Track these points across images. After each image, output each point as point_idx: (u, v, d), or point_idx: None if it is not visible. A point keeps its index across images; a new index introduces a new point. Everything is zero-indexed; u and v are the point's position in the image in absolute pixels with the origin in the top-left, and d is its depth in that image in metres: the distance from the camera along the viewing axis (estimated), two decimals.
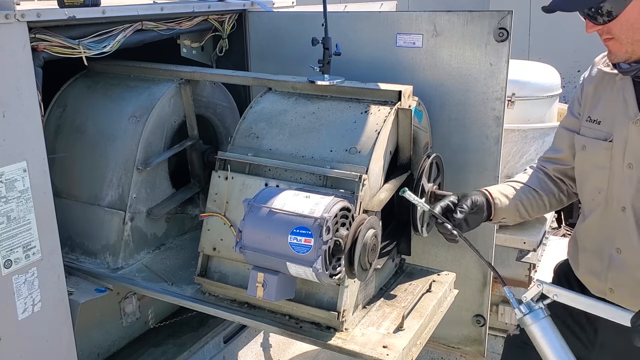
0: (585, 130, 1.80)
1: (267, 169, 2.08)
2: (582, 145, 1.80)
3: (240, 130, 2.20)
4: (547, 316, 1.57)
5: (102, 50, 2.13)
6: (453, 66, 2.36)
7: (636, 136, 1.64)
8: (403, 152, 2.14)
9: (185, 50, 2.72)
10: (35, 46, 1.90)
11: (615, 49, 1.64)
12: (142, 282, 2.26)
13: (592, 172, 1.78)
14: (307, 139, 2.09)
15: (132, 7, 2.21)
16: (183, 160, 2.59)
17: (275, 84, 2.31)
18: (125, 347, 2.55)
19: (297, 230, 1.72)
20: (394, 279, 2.29)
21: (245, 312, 2.05)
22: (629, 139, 1.66)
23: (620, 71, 1.69)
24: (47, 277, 1.92)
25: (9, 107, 1.75)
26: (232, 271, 2.11)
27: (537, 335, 1.55)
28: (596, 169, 1.75)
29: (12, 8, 1.73)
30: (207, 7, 2.57)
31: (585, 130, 1.80)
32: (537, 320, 1.55)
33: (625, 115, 1.67)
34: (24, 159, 1.81)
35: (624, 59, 1.65)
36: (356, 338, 1.91)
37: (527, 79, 3.31)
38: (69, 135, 2.43)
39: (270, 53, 2.74)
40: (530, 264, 3.31)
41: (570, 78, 6.44)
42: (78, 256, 2.39)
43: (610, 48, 1.65)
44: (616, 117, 1.70)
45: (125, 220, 2.32)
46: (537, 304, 1.58)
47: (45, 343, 1.95)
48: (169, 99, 2.42)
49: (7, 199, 1.77)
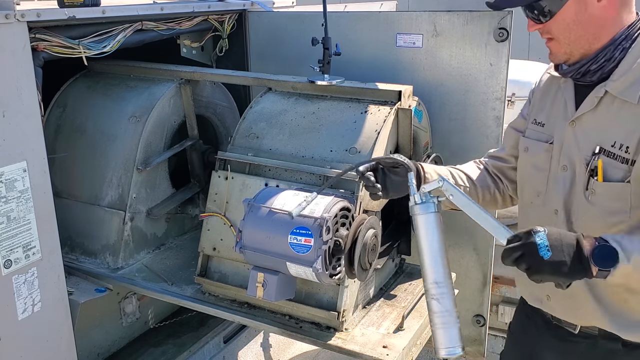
0: (529, 132, 1.77)
1: (267, 169, 2.08)
2: (525, 147, 1.77)
3: (240, 130, 2.20)
4: (437, 212, 1.49)
5: (102, 50, 2.13)
6: (453, 66, 2.36)
7: (571, 137, 1.61)
8: (403, 152, 2.14)
9: (185, 50, 2.72)
10: (35, 46, 1.90)
11: (555, 50, 1.62)
12: (142, 282, 2.26)
13: (532, 175, 1.75)
14: (307, 139, 2.09)
15: (132, 7, 2.21)
16: (183, 160, 2.59)
17: (275, 84, 2.31)
18: (125, 347, 2.55)
19: (297, 230, 1.72)
20: (394, 279, 2.29)
21: (245, 312, 2.05)
22: (564, 140, 1.63)
23: (561, 73, 1.67)
24: (47, 277, 1.92)
25: (9, 107, 1.75)
26: (232, 271, 2.11)
27: (420, 227, 1.49)
28: (536, 171, 1.72)
29: (12, 8, 1.73)
30: (207, 7, 2.57)
31: (529, 132, 1.77)
32: (424, 213, 1.48)
33: (564, 117, 1.64)
34: (24, 159, 1.81)
35: (563, 59, 1.62)
36: (356, 338, 1.91)
37: (527, 79, 3.31)
38: (69, 135, 2.43)
39: (270, 53, 2.74)
40: None
41: None
42: (78, 256, 2.39)
43: (551, 49, 1.63)
44: (557, 120, 1.67)
45: (125, 220, 2.32)
46: (433, 199, 1.50)
47: (45, 343, 1.95)
48: (169, 99, 2.42)
49: (7, 199, 1.77)
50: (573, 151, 1.60)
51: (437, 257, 1.46)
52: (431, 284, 1.45)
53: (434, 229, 1.48)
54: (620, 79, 1.51)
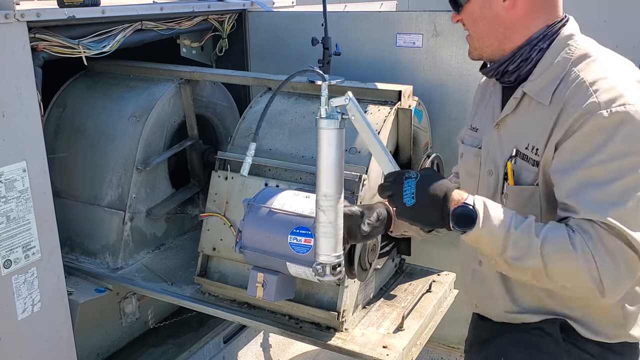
0: (466, 139, 1.72)
1: (267, 169, 2.08)
2: (460, 154, 1.73)
3: (240, 130, 2.20)
4: (339, 129, 1.49)
5: (102, 50, 2.13)
6: (453, 66, 2.36)
7: (496, 141, 1.56)
8: (403, 152, 2.14)
9: (185, 50, 2.72)
10: (35, 46, 1.89)
11: (470, 44, 1.57)
12: (142, 282, 2.26)
13: (465, 181, 1.71)
14: (307, 139, 2.09)
15: (132, 7, 2.21)
16: (183, 160, 2.59)
17: (275, 84, 2.31)
18: (125, 347, 2.55)
19: (297, 230, 1.72)
20: (394, 279, 2.29)
21: (245, 312, 2.05)
22: (490, 144, 1.58)
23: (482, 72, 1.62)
24: (46, 277, 1.92)
25: (9, 107, 1.75)
26: (232, 271, 2.11)
27: (320, 141, 1.49)
28: (469, 177, 1.68)
29: (12, 8, 1.73)
30: (207, 7, 2.57)
31: (466, 138, 1.72)
32: (327, 128, 1.47)
33: (491, 120, 1.59)
34: (23, 159, 1.81)
35: (475, 55, 1.57)
36: (356, 338, 1.91)
37: None
38: (69, 135, 2.43)
39: (270, 53, 2.74)
40: None
41: None
42: (78, 256, 2.39)
43: (468, 42, 1.58)
44: (486, 123, 1.62)
45: (125, 220, 2.32)
46: (337, 115, 1.49)
47: (45, 343, 1.95)
48: (169, 99, 2.42)
49: (6, 199, 1.77)
50: (497, 155, 1.55)
51: (331, 172, 1.49)
52: (321, 196, 1.49)
53: (333, 144, 1.49)
54: (536, 80, 1.46)
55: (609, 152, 1.30)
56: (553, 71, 1.43)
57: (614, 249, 1.28)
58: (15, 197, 1.80)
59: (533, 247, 1.33)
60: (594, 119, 1.31)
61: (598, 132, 1.31)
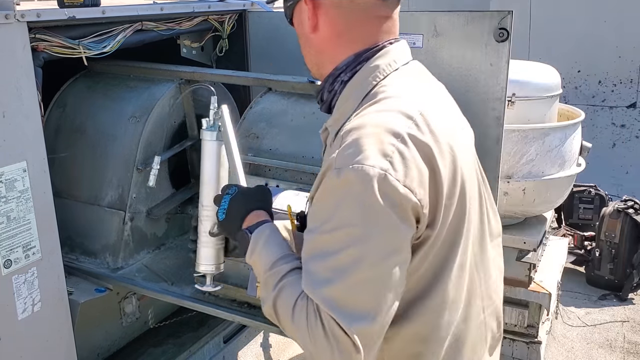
0: None
1: (267, 169, 2.08)
2: None
3: (240, 130, 2.20)
4: (217, 141, 1.54)
5: (102, 50, 2.13)
6: (453, 66, 2.36)
7: None
8: None
9: (185, 51, 2.72)
10: (35, 46, 1.89)
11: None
12: (142, 282, 2.26)
13: None
14: (308, 139, 2.09)
15: (132, 7, 2.21)
16: (183, 160, 2.59)
17: (275, 84, 2.31)
18: (125, 347, 2.55)
19: None
20: None
21: (245, 312, 2.05)
22: None
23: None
24: (47, 277, 1.92)
25: (9, 107, 1.75)
26: (232, 271, 2.11)
27: (202, 151, 1.56)
28: None
29: (12, 8, 1.73)
30: (207, 7, 2.57)
31: None
32: (207, 140, 1.54)
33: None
34: (24, 159, 1.81)
35: (312, 73, 1.41)
36: None
37: (527, 79, 3.31)
38: (69, 135, 2.43)
39: (270, 53, 2.74)
40: (530, 264, 3.31)
41: (570, 78, 6.43)
42: (78, 256, 2.39)
43: None
44: None
45: (125, 220, 2.32)
46: (216, 127, 1.56)
47: (45, 343, 1.95)
48: (169, 99, 2.42)
49: (7, 199, 1.77)
50: None
51: (209, 183, 1.56)
52: (200, 206, 1.56)
53: (211, 156, 1.56)
54: (334, 117, 1.30)
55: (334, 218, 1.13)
56: (344, 109, 1.27)
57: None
58: (16, 197, 1.80)
59: (269, 299, 1.26)
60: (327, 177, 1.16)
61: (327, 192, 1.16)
